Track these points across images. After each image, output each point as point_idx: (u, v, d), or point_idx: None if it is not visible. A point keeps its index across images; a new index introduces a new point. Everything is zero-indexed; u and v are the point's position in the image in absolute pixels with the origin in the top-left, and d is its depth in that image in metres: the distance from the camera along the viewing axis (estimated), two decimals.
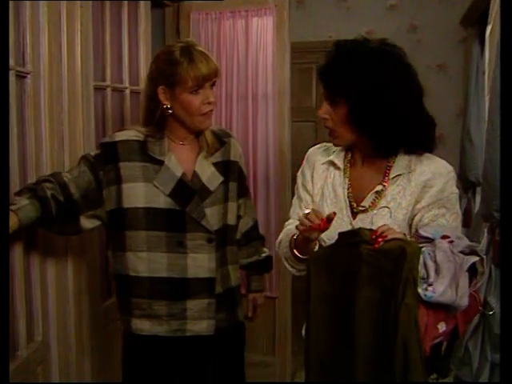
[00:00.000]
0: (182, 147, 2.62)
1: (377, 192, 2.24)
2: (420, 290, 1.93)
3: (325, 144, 2.49)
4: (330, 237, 2.20)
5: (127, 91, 3.60)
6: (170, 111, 2.53)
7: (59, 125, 2.74)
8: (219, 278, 2.62)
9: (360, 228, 2.09)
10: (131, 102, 3.61)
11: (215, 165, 2.64)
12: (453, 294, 1.94)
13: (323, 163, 2.41)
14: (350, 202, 2.29)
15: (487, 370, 3.65)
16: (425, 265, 1.96)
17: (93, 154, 2.57)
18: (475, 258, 2.00)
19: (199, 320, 2.58)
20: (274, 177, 4.44)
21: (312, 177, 2.42)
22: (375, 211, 2.23)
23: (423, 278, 1.94)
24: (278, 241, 2.52)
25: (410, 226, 2.21)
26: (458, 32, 5.83)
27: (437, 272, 1.95)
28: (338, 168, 2.36)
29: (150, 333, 2.57)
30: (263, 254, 2.96)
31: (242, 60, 4.47)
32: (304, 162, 2.50)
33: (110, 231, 2.61)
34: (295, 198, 2.52)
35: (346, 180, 2.33)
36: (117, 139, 2.56)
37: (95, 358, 3.04)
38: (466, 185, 4.88)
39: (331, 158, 2.39)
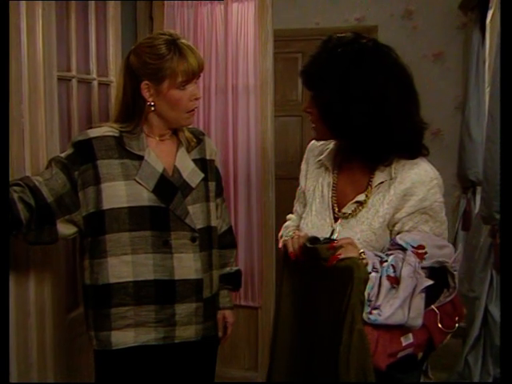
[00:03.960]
0: (160, 143, 2.66)
1: (358, 201, 2.32)
2: (363, 314, 2.05)
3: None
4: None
5: (95, 82, 3.59)
6: (153, 108, 2.56)
7: (19, 118, 2.70)
8: (207, 282, 2.67)
9: (319, 246, 2.17)
10: (99, 95, 3.60)
11: (194, 161, 2.70)
12: (404, 314, 2.06)
13: (318, 160, 2.50)
14: (332, 205, 2.39)
15: None
16: (379, 284, 2.08)
17: (64, 154, 2.56)
18: (429, 282, 2.10)
19: (188, 325, 2.61)
20: (256, 176, 4.45)
21: (306, 171, 2.55)
22: (355, 218, 2.31)
23: (369, 300, 2.06)
24: (279, 235, 2.69)
25: (391, 232, 2.28)
26: (457, 18, 5.85)
27: (393, 288, 2.07)
28: (327, 168, 2.45)
29: (135, 343, 2.57)
30: (234, 268, 2.98)
31: (220, 49, 4.47)
32: (304, 155, 2.62)
33: (87, 238, 2.59)
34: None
35: (332, 182, 2.42)
36: (91, 136, 2.56)
37: (59, 375, 3.01)
38: (465, 184, 4.90)
39: (322, 157, 2.48)
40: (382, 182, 2.28)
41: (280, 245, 2.54)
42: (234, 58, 4.45)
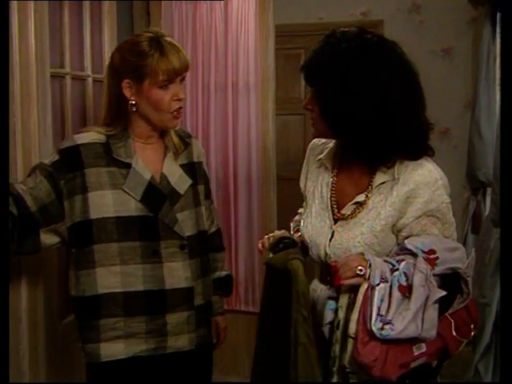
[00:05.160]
0: (147, 147, 2.66)
1: (357, 202, 2.32)
2: (374, 329, 2.04)
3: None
4: (311, 238, 2.39)
5: (89, 80, 3.59)
6: (135, 108, 2.56)
7: (11, 117, 2.70)
8: (200, 289, 2.68)
9: (273, 259, 2.31)
10: (94, 92, 3.60)
11: (181, 167, 2.70)
12: (417, 327, 2.05)
13: (317, 160, 2.51)
14: (332, 206, 2.39)
15: None
16: (390, 296, 2.07)
17: (48, 161, 2.55)
18: (442, 293, 2.09)
19: (180, 335, 2.62)
20: (256, 177, 4.46)
21: (307, 171, 2.56)
22: (355, 220, 2.31)
23: (380, 315, 2.05)
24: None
25: (397, 237, 2.29)
26: (467, 12, 5.84)
27: (405, 298, 2.06)
28: (326, 168, 2.46)
29: (125, 355, 2.57)
30: (224, 272, 2.99)
31: (220, 45, 4.48)
32: (306, 154, 2.63)
33: (73, 248, 2.59)
34: None
35: (331, 182, 2.43)
36: (79, 142, 2.56)
37: (52, 381, 3.01)
38: (474, 185, 4.89)
39: (321, 156, 2.48)
40: (383, 183, 2.28)
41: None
42: (234, 55, 4.46)
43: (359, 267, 2.10)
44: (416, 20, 6.11)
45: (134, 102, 2.54)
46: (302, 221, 2.50)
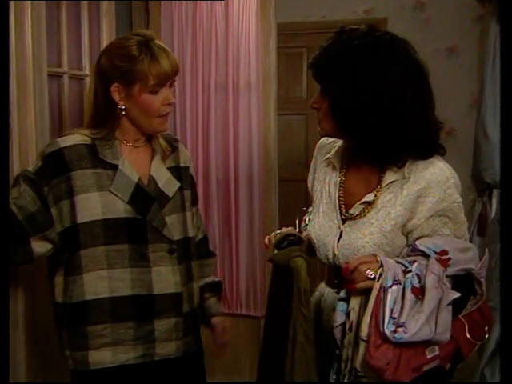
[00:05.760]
0: (134, 150, 2.65)
1: (366, 201, 2.32)
2: (387, 332, 2.03)
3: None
4: (318, 238, 2.40)
5: (87, 79, 3.57)
6: (124, 113, 2.56)
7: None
8: (186, 296, 2.67)
9: (276, 256, 2.38)
10: None
11: (168, 170, 2.70)
12: (431, 330, 2.04)
13: (325, 159, 2.52)
14: (340, 205, 2.40)
15: None
16: (403, 298, 2.06)
17: (32, 168, 2.54)
18: (456, 295, 2.09)
19: (168, 342, 2.61)
20: (258, 178, 4.47)
21: (314, 171, 2.58)
22: (363, 220, 2.32)
23: (393, 318, 2.04)
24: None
25: (408, 237, 2.29)
26: (473, 9, 5.81)
27: (418, 300, 2.06)
28: (334, 167, 2.47)
29: (112, 364, 2.57)
30: (217, 278, 3.01)
31: (221, 44, 4.49)
32: (314, 153, 2.64)
33: (63, 254, 2.58)
34: None
35: (339, 181, 2.43)
36: (62, 145, 2.54)
37: None
38: (480, 187, 4.87)
39: (329, 155, 2.49)
40: (392, 182, 2.28)
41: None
42: (235, 53, 4.46)
43: (367, 271, 2.10)
44: (420, 18, 6.10)
45: (123, 107, 2.54)
46: (310, 221, 2.50)
